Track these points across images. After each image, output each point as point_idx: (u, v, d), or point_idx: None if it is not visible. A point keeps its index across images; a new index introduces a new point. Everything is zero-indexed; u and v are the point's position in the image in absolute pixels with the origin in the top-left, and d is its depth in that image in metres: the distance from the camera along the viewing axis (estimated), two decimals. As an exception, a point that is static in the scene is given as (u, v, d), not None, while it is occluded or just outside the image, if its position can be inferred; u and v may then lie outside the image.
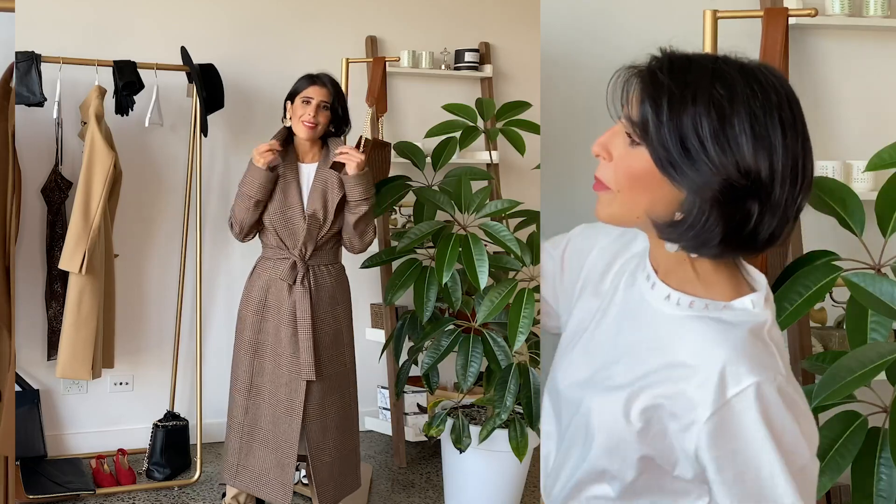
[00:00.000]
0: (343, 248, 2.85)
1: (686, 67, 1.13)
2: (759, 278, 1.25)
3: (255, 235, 2.80)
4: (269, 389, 2.71)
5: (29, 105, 3.08)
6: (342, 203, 2.72)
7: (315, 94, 2.71)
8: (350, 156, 2.67)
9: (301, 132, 2.71)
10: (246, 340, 2.74)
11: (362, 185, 2.68)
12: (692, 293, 1.23)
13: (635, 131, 1.14)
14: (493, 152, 3.92)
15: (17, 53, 2.99)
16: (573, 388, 1.31)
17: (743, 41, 1.28)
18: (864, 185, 2.71)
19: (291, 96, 2.76)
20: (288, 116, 2.77)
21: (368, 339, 3.94)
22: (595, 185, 1.22)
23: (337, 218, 2.72)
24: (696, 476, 1.18)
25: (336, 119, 2.76)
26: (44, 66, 3.09)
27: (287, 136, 2.77)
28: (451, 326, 2.98)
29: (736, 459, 1.13)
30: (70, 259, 2.99)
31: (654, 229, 1.19)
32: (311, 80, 2.74)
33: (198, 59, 3.38)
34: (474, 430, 2.95)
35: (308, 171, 2.75)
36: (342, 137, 2.84)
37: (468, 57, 4.12)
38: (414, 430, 3.74)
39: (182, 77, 3.43)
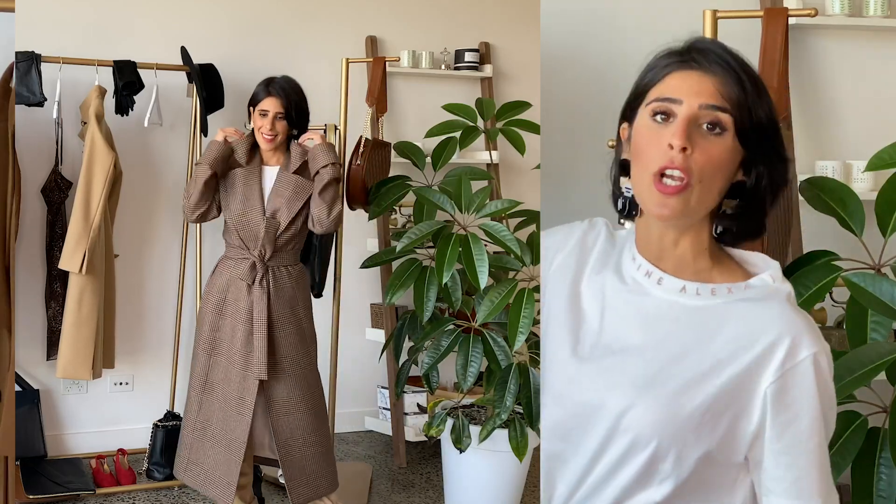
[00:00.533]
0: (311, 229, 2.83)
1: (737, 55, 1.23)
2: (757, 261, 1.30)
3: (203, 216, 2.79)
4: (222, 387, 2.72)
5: (29, 105, 3.08)
6: (304, 207, 2.75)
7: (270, 105, 2.74)
8: (310, 137, 2.79)
9: (262, 143, 2.77)
10: (204, 338, 2.76)
11: (325, 152, 2.74)
12: (709, 281, 1.26)
13: (733, 116, 1.19)
14: (493, 152, 3.92)
15: (17, 53, 2.99)
16: (596, 394, 1.26)
17: (743, 41, 1.29)
18: (864, 185, 2.71)
19: (252, 103, 2.79)
20: (251, 122, 2.80)
21: (368, 339, 3.94)
22: (668, 187, 1.20)
23: (296, 220, 2.75)
24: (745, 457, 1.21)
25: (293, 124, 2.80)
26: (44, 66, 3.09)
27: (254, 141, 2.80)
28: (451, 326, 2.98)
29: (793, 426, 1.18)
30: (70, 259, 2.99)
31: (709, 219, 1.25)
32: (266, 89, 2.76)
33: (198, 59, 3.39)
34: (474, 430, 2.95)
35: (271, 173, 2.79)
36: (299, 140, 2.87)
37: (468, 57, 4.12)
38: (414, 430, 3.73)
39: (182, 77, 3.43)
